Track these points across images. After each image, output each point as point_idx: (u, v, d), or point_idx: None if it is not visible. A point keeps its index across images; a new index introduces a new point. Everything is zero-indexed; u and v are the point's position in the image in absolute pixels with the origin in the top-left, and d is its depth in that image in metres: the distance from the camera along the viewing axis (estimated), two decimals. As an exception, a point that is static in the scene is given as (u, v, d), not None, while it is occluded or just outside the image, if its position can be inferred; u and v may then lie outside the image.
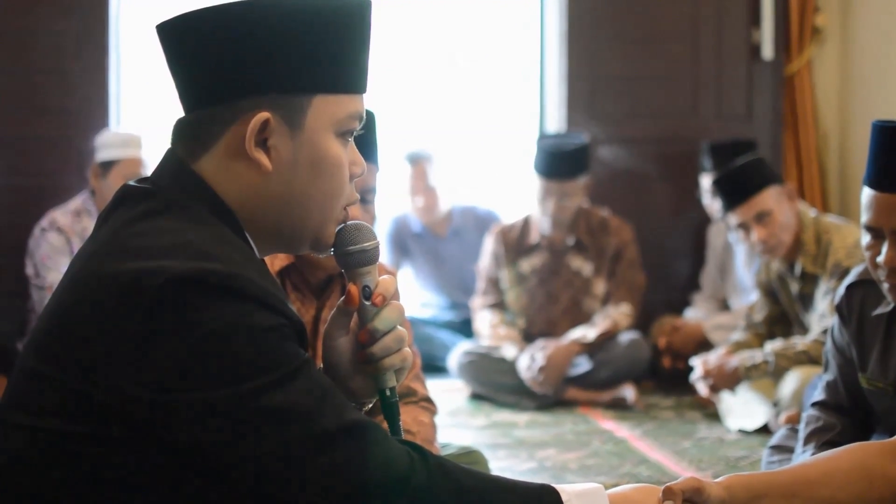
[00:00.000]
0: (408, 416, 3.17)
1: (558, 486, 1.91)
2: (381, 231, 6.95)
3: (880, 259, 2.90)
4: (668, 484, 2.04)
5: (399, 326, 1.97)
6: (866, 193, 2.91)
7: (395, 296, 1.99)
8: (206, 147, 1.84)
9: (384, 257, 6.87)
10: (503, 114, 7.69)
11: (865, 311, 3.15)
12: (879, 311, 3.10)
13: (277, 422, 1.68)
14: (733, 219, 5.11)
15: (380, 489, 1.74)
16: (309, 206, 1.87)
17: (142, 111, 6.91)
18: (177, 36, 1.84)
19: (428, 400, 3.31)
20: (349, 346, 1.98)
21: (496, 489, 1.86)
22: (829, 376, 3.32)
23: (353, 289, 1.95)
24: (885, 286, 2.96)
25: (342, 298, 1.97)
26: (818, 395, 3.34)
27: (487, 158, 7.80)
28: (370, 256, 1.96)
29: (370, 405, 2.03)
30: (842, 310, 3.23)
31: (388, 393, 1.97)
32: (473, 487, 1.82)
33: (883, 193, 2.86)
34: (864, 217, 2.92)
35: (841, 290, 3.22)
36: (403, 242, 6.99)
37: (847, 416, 3.26)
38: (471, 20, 7.66)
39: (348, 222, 1.94)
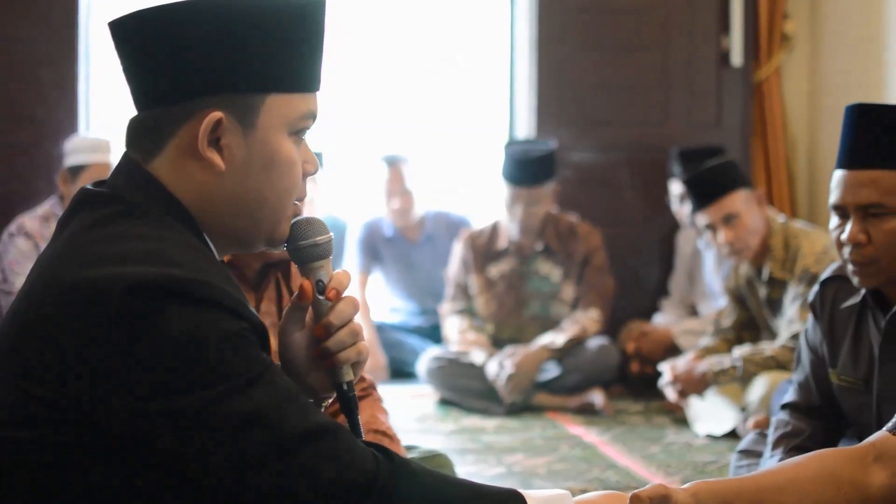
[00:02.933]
0: (365, 415, 3.15)
1: (525, 492, 1.91)
2: (353, 236, 6.96)
3: (844, 237, 2.93)
4: (635, 491, 2.04)
5: (355, 320, 1.97)
6: (835, 175, 2.96)
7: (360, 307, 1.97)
8: (158, 147, 1.83)
9: (355, 262, 6.87)
10: (474, 118, 7.69)
11: (837, 305, 3.17)
12: (850, 302, 3.11)
13: (243, 426, 1.68)
14: (702, 219, 5.15)
15: (346, 491, 1.74)
16: (263, 204, 1.86)
17: (112, 117, 6.89)
18: (129, 34, 1.83)
19: (373, 386, 3.28)
20: (305, 342, 1.97)
21: (462, 492, 1.85)
22: (799, 376, 3.33)
23: (307, 284, 1.94)
24: (850, 268, 2.99)
25: (296, 294, 1.96)
26: (789, 396, 3.35)
27: (458, 162, 7.80)
28: (323, 250, 1.95)
29: (329, 401, 2.03)
30: (815, 306, 3.25)
31: (344, 387, 1.97)
32: (439, 490, 1.82)
33: (850, 171, 2.91)
34: (832, 198, 2.97)
35: (815, 286, 3.24)
36: (375, 247, 6.98)
37: (817, 419, 3.27)
38: (442, 25, 7.66)
39: (299, 217, 1.94)
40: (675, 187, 6.51)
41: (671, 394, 5.32)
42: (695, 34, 7.04)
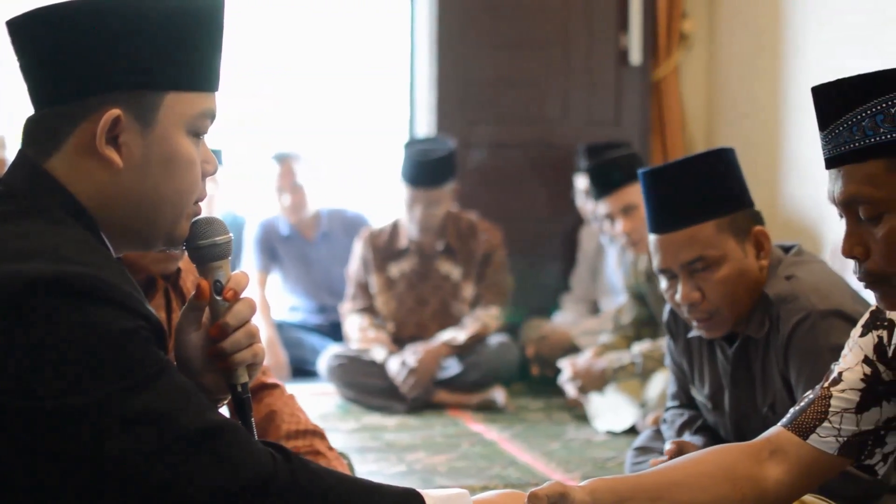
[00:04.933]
0: (285, 414, 3.14)
1: (423, 491, 1.91)
2: (250, 236, 6.91)
3: (678, 297, 2.96)
4: (533, 489, 2.05)
5: (252, 321, 1.96)
6: (651, 240, 2.99)
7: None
8: (56, 145, 1.82)
9: (253, 261, 6.82)
10: (374, 115, 7.68)
11: (689, 328, 3.20)
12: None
13: (140, 425, 1.67)
14: (601, 208, 5.22)
15: (243, 490, 1.74)
16: (161, 203, 1.86)
17: (12, 115, 6.78)
18: (27, 33, 1.83)
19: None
20: (200, 342, 1.96)
21: (360, 492, 1.86)
22: (673, 388, 3.39)
23: (204, 283, 1.95)
24: (694, 324, 3.02)
25: (193, 293, 1.96)
26: (669, 403, 3.39)
27: (358, 160, 7.79)
28: (222, 251, 1.96)
29: (225, 402, 2.02)
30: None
31: (239, 389, 1.97)
32: (338, 490, 1.83)
33: (662, 235, 2.95)
34: (655, 262, 3.01)
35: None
36: (272, 246, 6.93)
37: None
38: (342, 23, 7.64)
39: (199, 217, 1.94)
40: (581, 182, 6.53)
41: (571, 390, 5.35)
42: (594, 32, 7.08)
